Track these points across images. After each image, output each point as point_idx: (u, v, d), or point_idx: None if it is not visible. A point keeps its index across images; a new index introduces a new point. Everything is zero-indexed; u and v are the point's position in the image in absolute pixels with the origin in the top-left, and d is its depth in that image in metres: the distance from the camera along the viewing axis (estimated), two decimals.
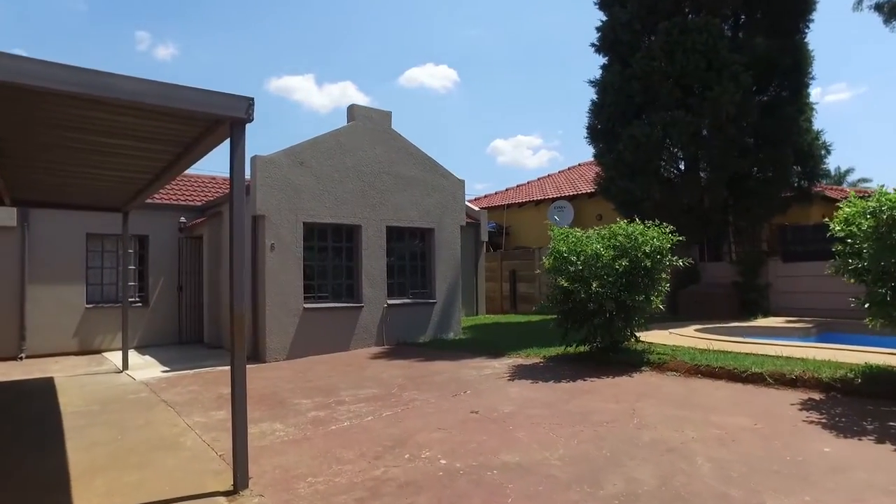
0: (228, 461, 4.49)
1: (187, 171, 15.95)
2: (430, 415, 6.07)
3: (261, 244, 10.07)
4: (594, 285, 7.71)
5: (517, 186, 24.11)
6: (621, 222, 8.49)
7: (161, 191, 13.72)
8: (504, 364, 8.89)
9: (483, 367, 8.67)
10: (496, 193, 23.94)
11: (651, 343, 8.91)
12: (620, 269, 7.87)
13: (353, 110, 11.46)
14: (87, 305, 11.82)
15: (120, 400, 7.24)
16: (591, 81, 14.64)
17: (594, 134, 14.73)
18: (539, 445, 4.87)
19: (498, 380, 7.72)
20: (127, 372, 9.21)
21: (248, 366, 9.66)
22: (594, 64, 70.05)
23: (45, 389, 7.98)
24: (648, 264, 8.01)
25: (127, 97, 3.64)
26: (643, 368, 7.80)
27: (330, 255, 11.15)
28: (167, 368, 9.39)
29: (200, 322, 12.77)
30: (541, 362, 8.88)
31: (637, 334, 8.61)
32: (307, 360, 10.05)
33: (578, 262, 7.99)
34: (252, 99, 4.13)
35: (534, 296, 17.94)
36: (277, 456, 4.87)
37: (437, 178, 12.61)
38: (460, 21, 67.05)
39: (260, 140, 77.83)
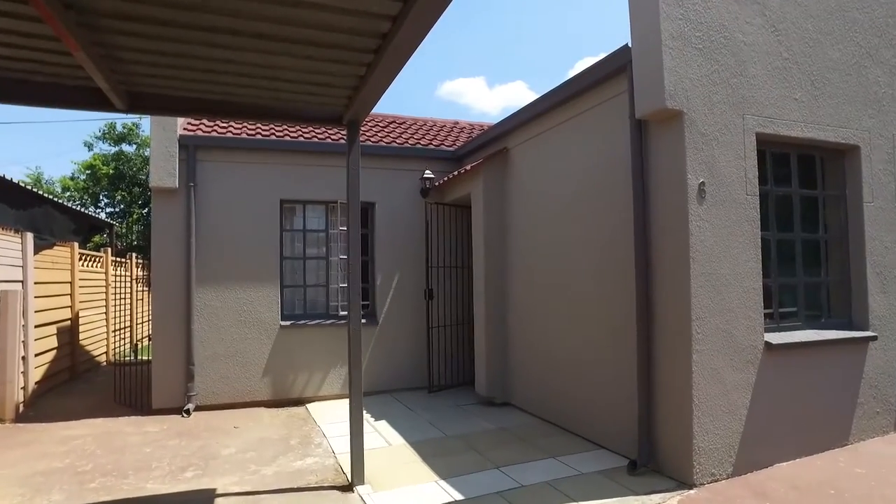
0: None
1: (423, 115, 10.62)
2: None
3: (664, 181, 4.11)
4: None
5: None
6: None
7: (391, 132, 8.61)
8: None
9: None
10: None
11: None
12: None
13: None
14: (283, 323, 6.90)
15: None
16: None
17: None
18: None
19: None
20: (360, 492, 3.77)
21: (642, 500, 3.57)
22: None
23: None
24: None
25: None
26: None
27: (793, 211, 4.83)
28: (447, 485, 3.80)
29: (465, 354, 7.29)
30: None
31: None
32: (791, 482, 3.84)
33: None
34: None
35: None
36: None
37: None
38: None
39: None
